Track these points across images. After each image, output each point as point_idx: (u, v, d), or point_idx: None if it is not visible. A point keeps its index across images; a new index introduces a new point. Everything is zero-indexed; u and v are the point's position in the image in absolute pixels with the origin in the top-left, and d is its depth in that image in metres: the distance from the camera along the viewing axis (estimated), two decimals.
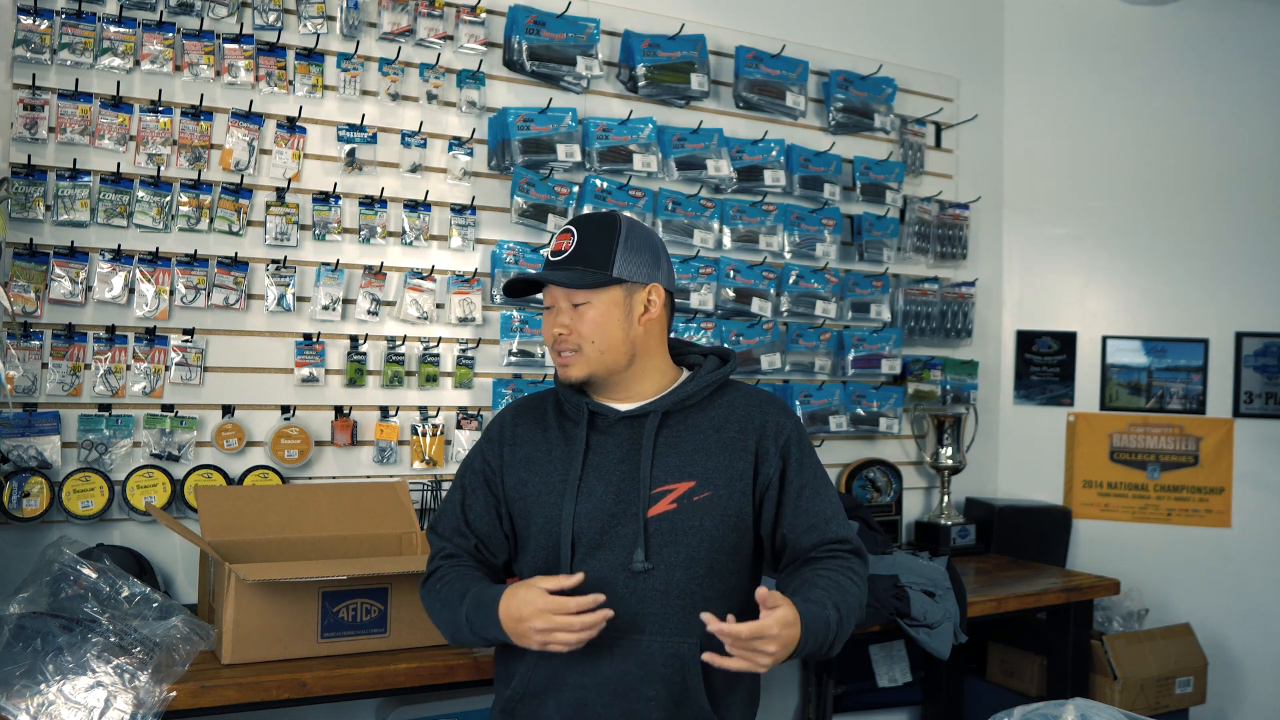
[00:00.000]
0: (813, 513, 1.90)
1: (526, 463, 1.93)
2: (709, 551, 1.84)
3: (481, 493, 1.96)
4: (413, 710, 2.73)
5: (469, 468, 2.00)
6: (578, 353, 1.88)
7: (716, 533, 1.85)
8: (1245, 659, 3.92)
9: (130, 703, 1.98)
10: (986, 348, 4.12)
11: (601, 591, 1.77)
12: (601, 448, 1.89)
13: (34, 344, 2.56)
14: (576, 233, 1.89)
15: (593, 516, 1.84)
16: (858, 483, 3.73)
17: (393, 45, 2.99)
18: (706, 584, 1.84)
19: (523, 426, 1.97)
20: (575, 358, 1.89)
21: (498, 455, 1.96)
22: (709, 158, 3.37)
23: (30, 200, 2.55)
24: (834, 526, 1.91)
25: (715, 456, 1.88)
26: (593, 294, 1.87)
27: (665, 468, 1.86)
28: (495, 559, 1.98)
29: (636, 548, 1.81)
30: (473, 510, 1.96)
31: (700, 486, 1.86)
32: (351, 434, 2.90)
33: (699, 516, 1.84)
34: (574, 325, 1.88)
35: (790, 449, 1.92)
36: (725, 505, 1.86)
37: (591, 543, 1.83)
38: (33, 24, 2.56)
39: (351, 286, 2.93)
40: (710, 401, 1.94)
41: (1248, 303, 3.98)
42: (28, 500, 2.51)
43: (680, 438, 1.89)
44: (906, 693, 3.65)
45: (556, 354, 1.91)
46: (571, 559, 1.83)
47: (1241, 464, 3.97)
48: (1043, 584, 3.37)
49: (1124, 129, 4.09)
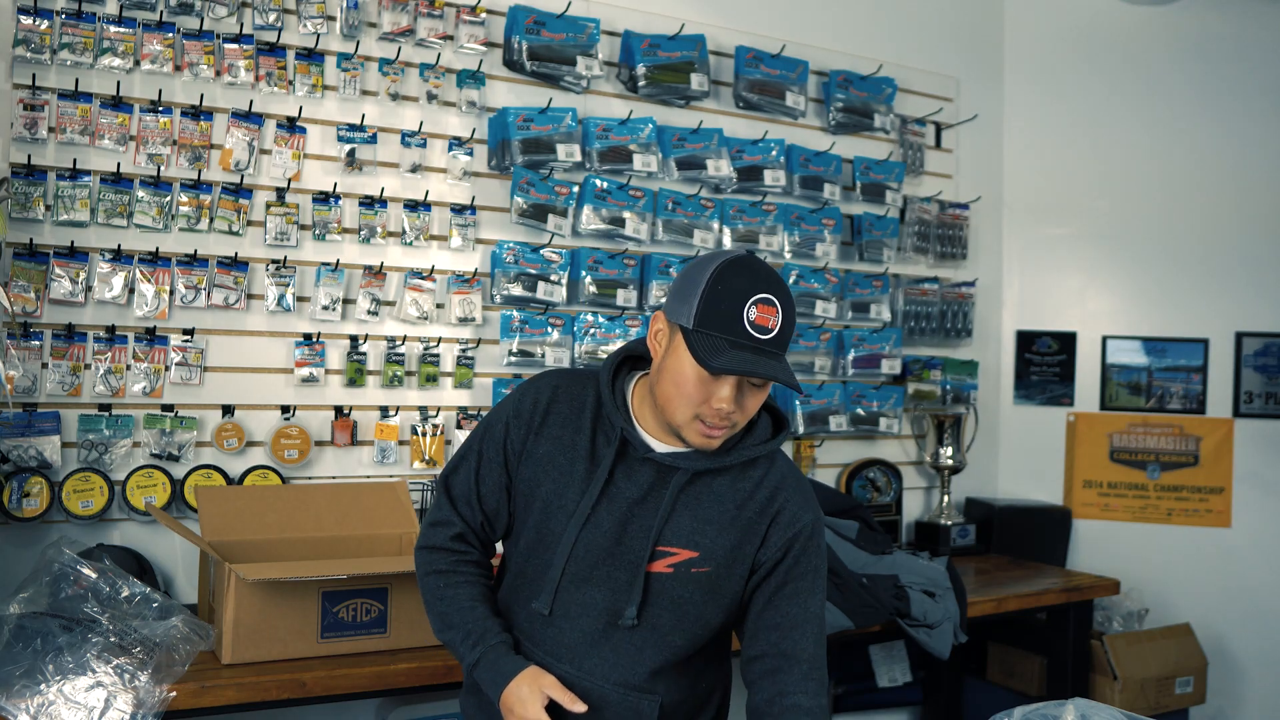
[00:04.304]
0: (782, 612, 1.78)
1: (546, 462, 1.81)
2: (693, 624, 1.79)
3: (497, 467, 1.84)
4: (413, 710, 2.73)
5: (490, 434, 1.86)
6: (734, 429, 1.74)
7: (705, 608, 1.79)
8: (1245, 659, 3.92)
9: (130, 703, 1.98)
10: (986, 348, 4.12)
11: (576, 629, 1.76)
12: (621, 480, 1.79)
13: (34, 344, 2.56)
14: (781, 311, 1.67)
15: (591, 549, 1.77)
16: (858, 483, 3.73)
17: (393, 45, 2.99)
18: (681, 651, 1.80)
19: (555, 418, 1.82)
20: (728, 432, 1.73)
21: (522, 439, 1.82)
22: (709, 158, 3.37)
23: (30, 200, 2.55)
24: (795, 637, 1.76)
25: (726, 533, 1.78)
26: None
27: (675, 529, 1.76)
28: (494, 535, 1.90)
29: (630, 604, 1.75)
30: (485, 483, 1.86)
31: (702, 560, 1.76)
32: (351, 434, 2.90)
33: (691, 588, 1.77)
34: (747, 407, 1.71)
35: (795, 544, 1.80)
36: (720, 583, 1.79)
37: (580, 575, 1.77)
38: (33, 24, 2.56)
39: (351, 286, 2.93)
40: (743, 470, 1.81)
41: (1248, 303, 3.98)
42: (28, 500, 2.51)
43: (699, 500, 1.78)
44: (906, 693, 3.65)
45: (702, 422, 1.70)
46: (558, 585, 1.78)
47: (1241, 464, 3.97)
48: (1043, 584, 3.37)
49: (1124, 129, 4.09)
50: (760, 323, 1.65)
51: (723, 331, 1.65)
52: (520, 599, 1.84)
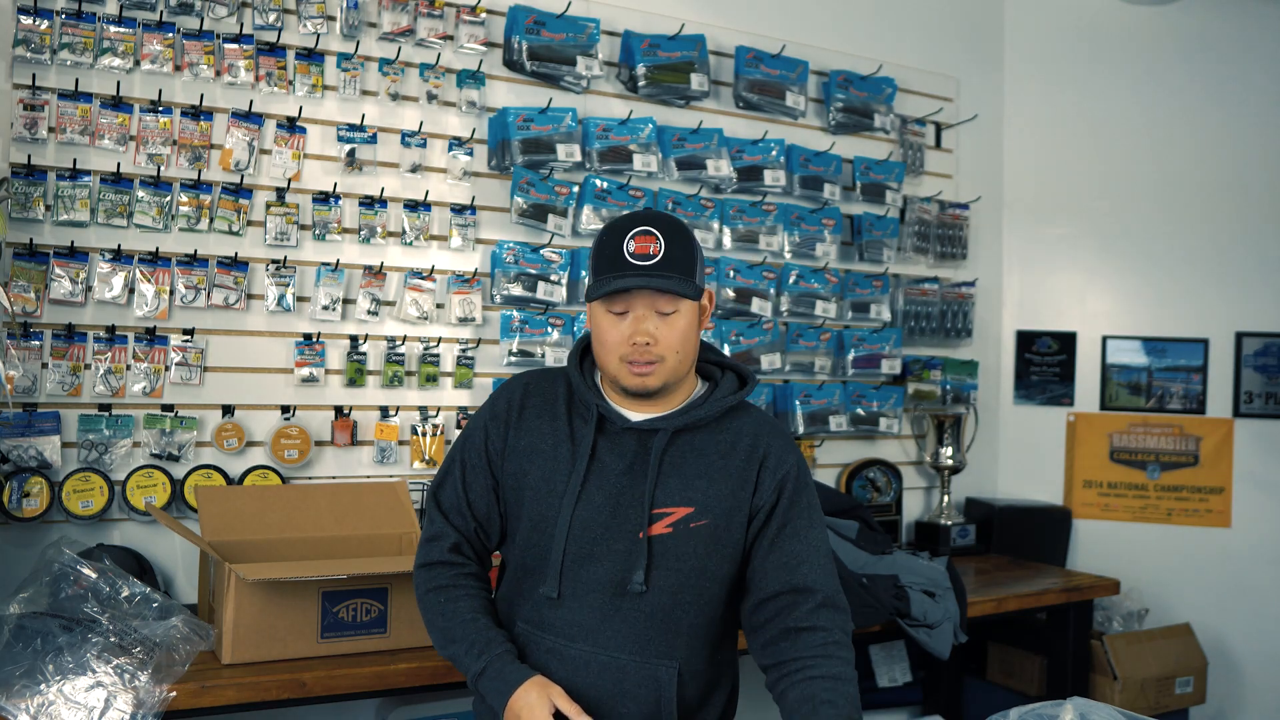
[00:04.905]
0: (787, 552, 1.82)
1: (530, 452, 1.86)
2: (699, 579, 1.81)
3: (481, 472, 1.89)
4: (413, 710, 2.73)
5: (470, 441, 1.92)
6: (660, 364, 1.79)
7: (709, 561, 1.82)
8: (1245, 659, 3.92)
9: (130, 703, 1.98)
10: (986, 348, 4.12)
11: (587, 606, 1.77)
12: (605, 455, 1.83)
13: (34, 344, 2.56)
14: (662, 236, 1.77)
15: (588, 526, 1.80)
16: (858, 483, 3.73)
17: (393, 45, 2.99)
18: (692, 610, 1.82)
19: (531, 411, 1.89)
20: (657, 368, 1.79)
21: (502, 437, 1.88)
22: (709, 158, 3.37)
23: (30, 200, 2.55)
24: (804, 570, 1.81)
25: (717, 483, 1.83)
26: (681, 302, 1.79)
27: (667, 490, 1.81)
28: (489, 543, 1.93)
29: (636, 569, 1.78)
30: (473, 489, 1.89)
31: (699, 513, 1.81)
32: (351, 434, 2.90)
33: (693, 543, 1.80)
34: (661, 334, 1.77)
35: (786, 484, 1.85)
36: (721, 534, 1.82)
37: (582, 553, 1.80)
38: (33, 24, 2.56)
39: (351, 286, 2.93)
40: (720, 424, 1.87)
41: (1248, 303, 3.98)
42: (28, 500, 2.51)
43: (684, 458, 1.83)
44: (906, 693, 3.65)
45: (629, 363, 1.79)
46: (561, 566, 1.80)
47: (1241, 464, 3.97)
48: (1043, 584, 3.37)
49: (1124, 129, 4.09)
50: (640, 251, 1.76)
51: (610, 270, 1.77)
52: (526, 589, 1.86)
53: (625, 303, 1.78)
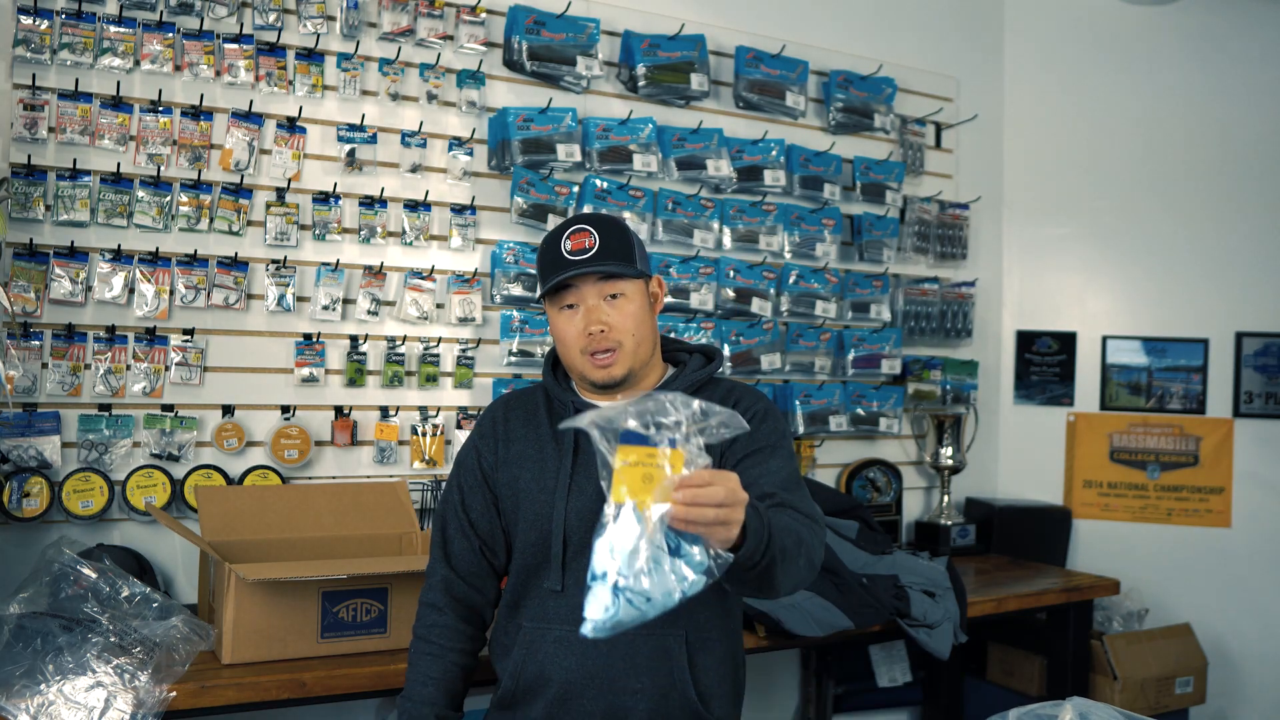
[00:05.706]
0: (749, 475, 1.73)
1: (519, 459, 1.92)
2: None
3: (479, 491, 1.96)
4: None
5: (463, 465, 1.99)
6: (618, 350, 1.84)
7: None
8: (1245, 659, 3.92)
9: (130, 703, 1.98)
10: (986, 348, 4.12)
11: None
12: (589, 447, 1.83)
13: (34, 344, 2.56)
14: (595, 230, 1.84)
15: (582, 514, 1.84)
16: (858, 483, 3.73)
17: (393, 45, 2.99)
18: None
19: (515, 422, 1.96)
20: (616, 355, 1.84)
21: (492, 451, 1.96)
22: (709, 158, 3.37)
23: (30, 200, 2.55)
24: (764, 484, 1.75)
25: None
26: (628, 284, 1.85)
27: None
28: (497, 562, 1.98)
29: None
30: (473, 509, 1.96)
31: None
32: (351, 434, 2.90)
33: None
34: (613, 320, 1.83)
35: (752, 421, 1.84)
36: None
37: (581, 541, 1.83)
38: (33, 24, 2.56)
39: (351, 286, 2.93)
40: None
41: (1248, 303, 3.98)
42: (28, 500, 2.51)
43: None
44: (906, 693, 3.65)
45: (590, 355, 1.84)
46: (563, 558, 1.84)
47: (1241, 464, 3.97)
48: (1043, 584, 3.37)
49: (1124, 129, 4.09)
50: (577, 248, 1.83)
51: (552, 271, 1.85)
52: (532, 587, 1.90)
53: (574, 295, 1.85)
